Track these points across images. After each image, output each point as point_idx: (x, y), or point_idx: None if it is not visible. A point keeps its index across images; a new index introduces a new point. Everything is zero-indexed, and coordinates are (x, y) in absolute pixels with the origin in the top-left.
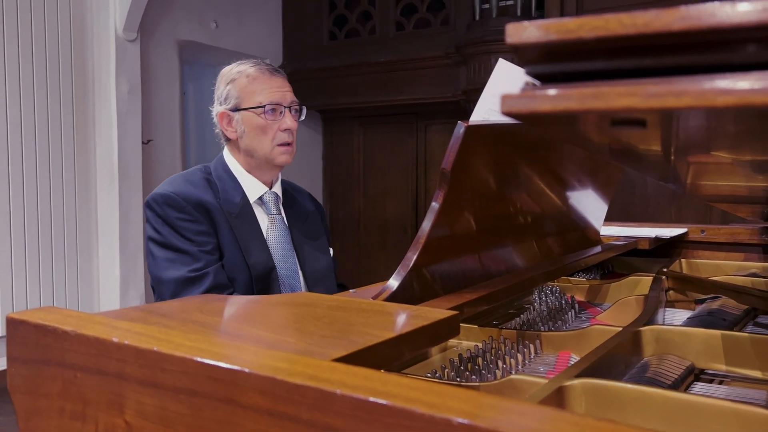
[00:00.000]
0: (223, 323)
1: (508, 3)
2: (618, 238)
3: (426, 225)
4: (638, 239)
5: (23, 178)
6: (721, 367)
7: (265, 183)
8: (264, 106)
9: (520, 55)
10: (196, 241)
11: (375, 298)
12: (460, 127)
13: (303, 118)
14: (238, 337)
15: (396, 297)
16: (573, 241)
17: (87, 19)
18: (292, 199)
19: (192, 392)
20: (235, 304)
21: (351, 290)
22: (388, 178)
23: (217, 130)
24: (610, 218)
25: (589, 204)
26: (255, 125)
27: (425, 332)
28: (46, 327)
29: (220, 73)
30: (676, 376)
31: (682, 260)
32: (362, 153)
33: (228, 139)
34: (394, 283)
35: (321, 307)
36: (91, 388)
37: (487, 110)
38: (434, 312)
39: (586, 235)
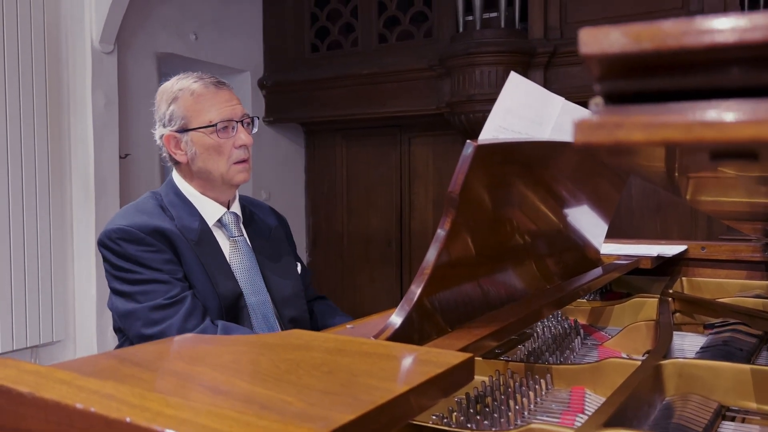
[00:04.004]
0: (208, 375)
1: (492, 15)
2: (618, 257)
3: (431, 255)
4: (640, 258)
5: None
6: (751, 405)
7: (222, 203)
8: (215, 125)
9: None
10: (165, 269)
11: (377, 336)
12: (469, 147)
13: (256, 130)
14: (227, 395)
15: (399, 335)
16: (573, 262)
17: (62, 31)
18: (251, 216)
19: None
20: (221, 347)
21: (348, 325)
22: (372, 191)
23: (163, 154)
24: None
25: (590, 223)
26: (207, 146)
27: (439, 382)
28: None
29: (159, 91)
30: (705, 422)
31: (683, 278)
32: (345, 166)
33: (177, 162)
34: (397, 319)
35: (318, 350)
36: None
37: (496, 127)
38: (446, 355)
39: (586, 254)
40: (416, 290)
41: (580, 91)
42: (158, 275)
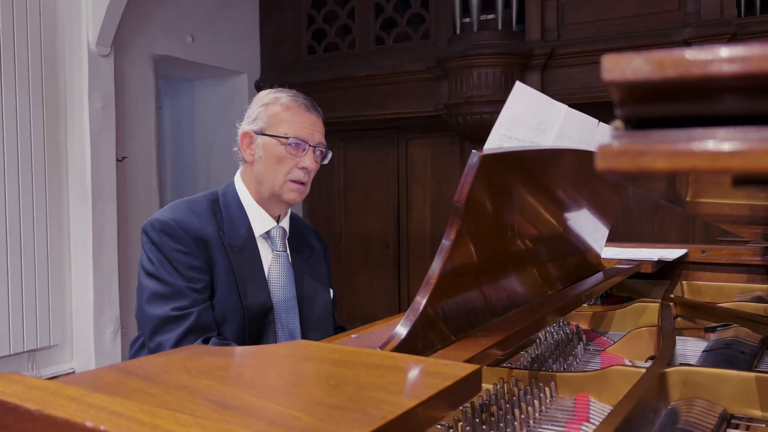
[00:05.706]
0: (215, 389)
1: (489, 17)
2: (619, 261)
3: (436, 265)
4: (641, 262)
5: None
6: (756, 413)
7: (273, 216)
8: (288, 138)
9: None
10: (187, 276)
11: (382, 347)
12: (474, 156)
13: (326, 162)
14: (235, 410)
15: (405, 346)
16: (575, 267)
17: (58, 33)
18: (298, 235)
19: None
20: (227, 359)
21: (353, 335)
22: (370, 193)
23: (236, 149)
24: None
25: (591, 227)
26: (273, 154)
27: (447, 394)
28: (5, 404)
29: (257, 95)
30: (711, 426)
31: (684, 282)
32: (343, 168)
33: (244, 161)
34: (402, 330)
35: (324, 361)
36: None
37: (501, 136)
38: (453, 367)
39: (587, 259)
40: (421, 300)
41: (577, 92)
42: (177, 281)
